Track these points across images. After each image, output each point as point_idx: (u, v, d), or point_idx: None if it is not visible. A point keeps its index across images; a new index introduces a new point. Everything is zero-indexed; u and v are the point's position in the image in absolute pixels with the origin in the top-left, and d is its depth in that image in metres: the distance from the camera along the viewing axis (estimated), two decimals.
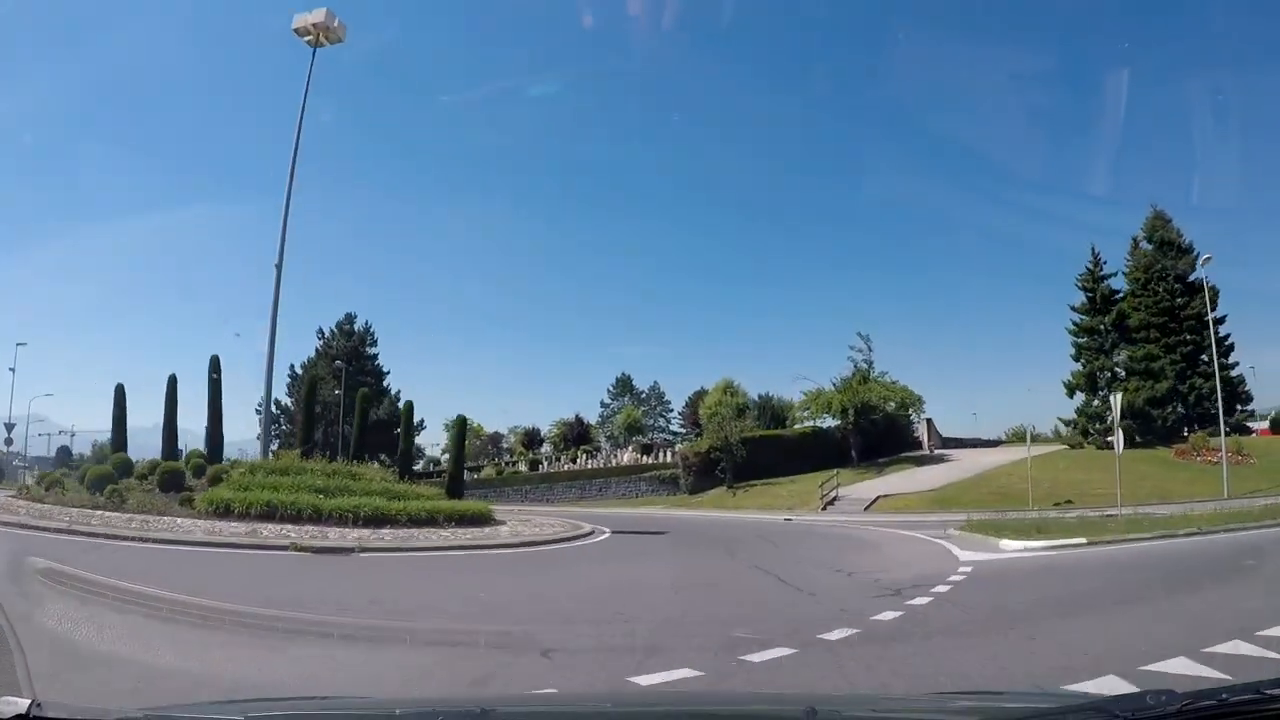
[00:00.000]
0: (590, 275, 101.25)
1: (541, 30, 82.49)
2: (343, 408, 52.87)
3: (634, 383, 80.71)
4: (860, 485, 33.40)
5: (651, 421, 79.51)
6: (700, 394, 62.21)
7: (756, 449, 41.47)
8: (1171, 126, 66.15)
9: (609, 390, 79.97)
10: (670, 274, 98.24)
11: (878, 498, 29.59)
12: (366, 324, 64.88)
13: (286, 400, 60.71)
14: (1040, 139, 64.44)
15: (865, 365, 42.50)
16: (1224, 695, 1.64)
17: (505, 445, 73.86)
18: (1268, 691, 1.62)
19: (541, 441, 71.22)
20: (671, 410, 78.26)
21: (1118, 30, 66.04)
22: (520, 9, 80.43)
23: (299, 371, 61.65)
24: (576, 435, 69.46)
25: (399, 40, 77.18)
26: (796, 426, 45.80)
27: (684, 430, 69.49)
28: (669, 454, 49.96)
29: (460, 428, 32.86)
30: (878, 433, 42.82)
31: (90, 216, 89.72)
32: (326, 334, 63.94)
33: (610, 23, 74.71)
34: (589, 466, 53.92)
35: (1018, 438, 55.19)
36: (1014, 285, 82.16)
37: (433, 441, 69.01)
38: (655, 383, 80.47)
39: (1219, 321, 38.81)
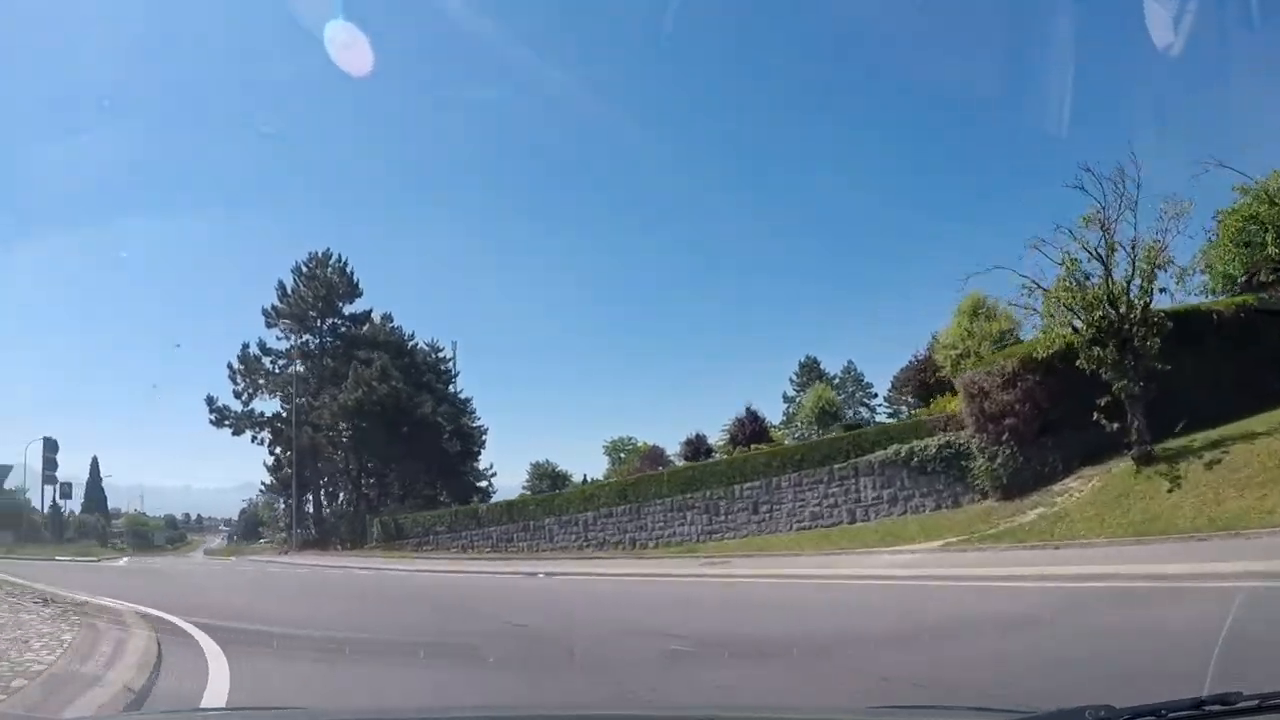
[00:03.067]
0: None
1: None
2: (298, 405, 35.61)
3: (821, 366, 59.02)
4: None
5: (850, 411, 56.50)
6: (922, 361, 38.08)
7: (1179, 345, 15.04)
8: None
9: (791, 380, 58.44)
10: None
11: None
12: (342, 259, 46.09)
13: (225, 398, 45.05)
14: None
15: None
16: (1164, 710, 1.60)
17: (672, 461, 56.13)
18: (1208, 708, 1.59)
19: (709, 450, 51.03)
20: (875, 396, 55.50)
21: None
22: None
23: (256, 353, 44.94)
24: (750, 434, 47.52)
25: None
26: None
27: (905, 415, 45.06)
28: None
29: None
30: None
31: None
32: (288, 288, 45.62)
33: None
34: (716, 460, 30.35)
35: None
36: None
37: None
38: (849, 363, 58.39)
39: None
